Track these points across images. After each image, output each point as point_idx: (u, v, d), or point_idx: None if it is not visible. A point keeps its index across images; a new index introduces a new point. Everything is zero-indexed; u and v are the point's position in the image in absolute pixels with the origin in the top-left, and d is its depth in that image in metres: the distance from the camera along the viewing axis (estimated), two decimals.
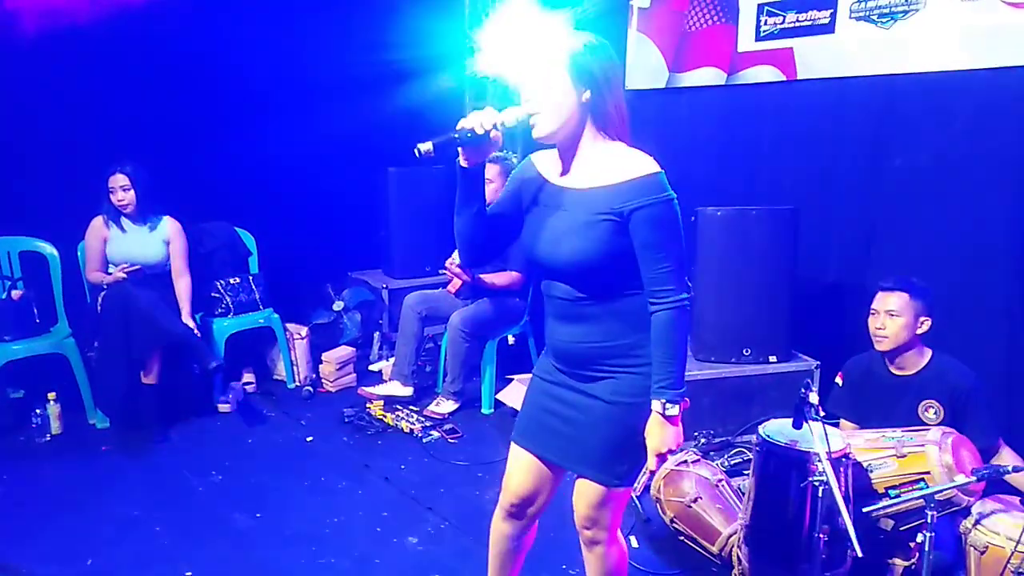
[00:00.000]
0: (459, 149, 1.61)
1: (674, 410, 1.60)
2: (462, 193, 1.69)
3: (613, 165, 1.61)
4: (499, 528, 1.98)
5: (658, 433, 1.62)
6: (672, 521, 2.60)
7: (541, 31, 3.91)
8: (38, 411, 3.44)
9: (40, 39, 3.74)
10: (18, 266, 3.69)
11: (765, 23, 3.83)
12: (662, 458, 1.64)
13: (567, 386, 1.74)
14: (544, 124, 1.61)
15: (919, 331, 2.54)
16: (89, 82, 3.84)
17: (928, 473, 2.13)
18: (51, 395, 3.48)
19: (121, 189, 3.56)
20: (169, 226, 3.74)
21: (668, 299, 1.59)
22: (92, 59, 3.85)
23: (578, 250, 1.60)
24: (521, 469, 1.88)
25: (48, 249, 3.74)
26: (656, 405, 1.61)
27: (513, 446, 1.89)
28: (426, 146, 1.56)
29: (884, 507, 2.16)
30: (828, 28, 3.57)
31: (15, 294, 3.54)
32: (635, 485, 1.70)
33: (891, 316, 2.52)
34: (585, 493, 1.77)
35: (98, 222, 3.62)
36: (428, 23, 4.65)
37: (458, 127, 1.59)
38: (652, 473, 1.68)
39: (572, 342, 1.70)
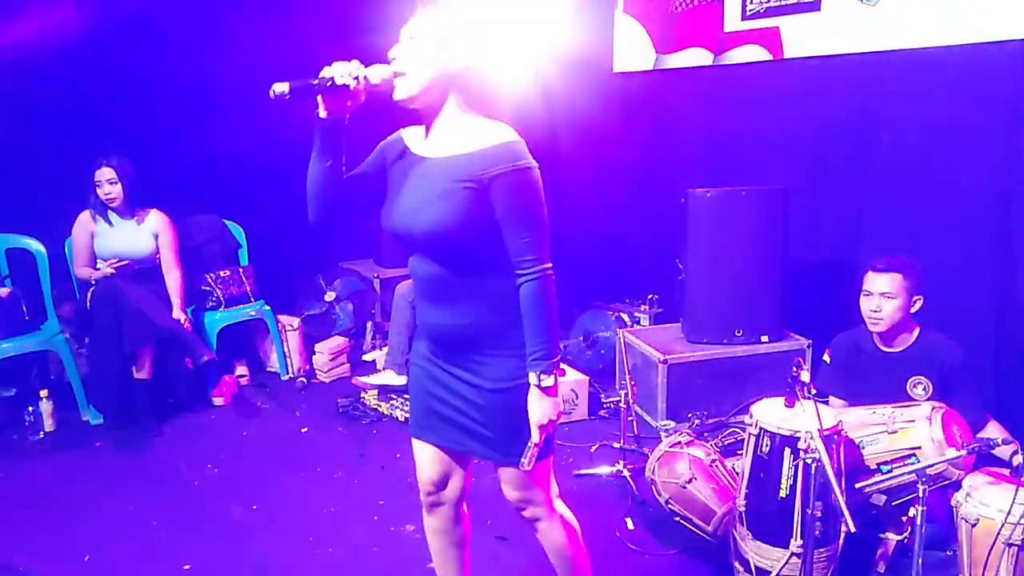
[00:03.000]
0: (319, 98, 1.54)
1: (549, 380, 1.60)
2: (317, 145, 1.62)
3: (472, 134, 1.57)
4: (428, 524, 1.97)
5: (537, 406, 1.61)
6: (667, 502, 2.61)
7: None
8: (30, 409, 3.42)
9: (22, 35, 3.69)
10: (5, 264, 3.66)
11: (751, 2, 3.82)
12: (545, 429, 1.62)
13: (447, 372, 1.71)
14: (405, 86, 1.56)
15: (912, 310, 2.55)
16: (73, 76, 3.80)
17: (919, 448, 2.16)
18: (43, 392, 3.46)
19: (108, 183, 3.53)
20: (157, 219, 3.71)
21: (532, 269, 1.57)
22: (76, 53, 3.79)
23: (435, 219, 1.55)
24: (426, 459, 1.85)
25: (35, 246, 3.70)
26: (532, 378, 1.60)
27: (414, 439, 1.86)
28: (282, 87, 1.48)
29: (876, 483, 2.19)
30: (814, 6, 3.56)
31: (2, 292, 3.51)
32: (523, 461, 1.64)
33: (886, 298, 2.53)
34: (505, 478, 1.77)
35: (84, 217, 3.59)
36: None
37: (320, 75, 1.53)
38: (537, 446, 1.64)
39: (443, 325, 1.66)
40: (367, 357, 4.48)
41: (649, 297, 4.39)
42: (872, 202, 3.52)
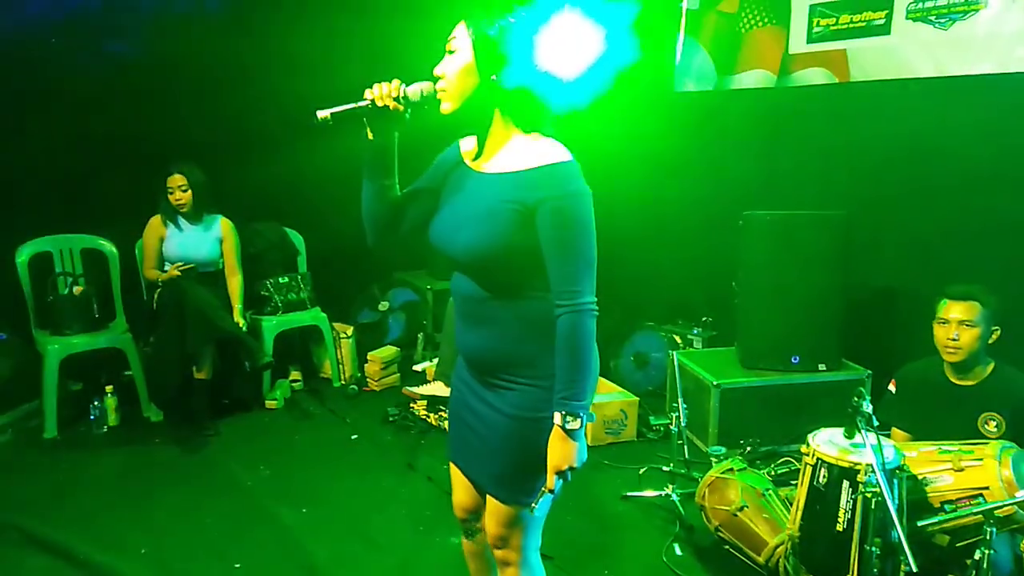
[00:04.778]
0: (364, 120, 1.53)
1: (575, 424, 1.45)
2: (366, 167, 1.59)
3: (523, 152, 1.49)
4: (464, 547, 1.90)
5: (558, 449, 1.47)
6: (717, 530, 2.56)
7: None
8: (96, 403, 3.56)
9: (102, 44, 3.88)
10: (80, 263, 3.82)
11: (817, 25, 3.77)
12: (562, 476, 1.49)
13: (477, 395, 1.62)
14: (447, 100, 1.52)
15: (989, 341, 2.46)
16: (148, 85, 3.96)
17: (987, 488, 2.07)
18: (109, 388, 3.60)
19: (179, 189, 3.67)
20: (223, 225, 3.84)
21: (572, 302, 1.44)
22: (151, 63, 3.97)
23: (476, 238, 1.48)
24: (460, 485, 1.79)
25: (108, 247, 3.88)
26: (557, 418, 1.46)
27: (450, 463, 1.81)
28: (324, 114, 1.48)
29: (940, 522, 2.10)
30: (883, 29, 3.49)
31: (76, 290, 3.66)
32: (532, 504, 1.53)
33: (965, 326, 2.44)
34: (493, 511, 1.64)
35: (156, 221, 3.74)
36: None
37: (362, 97, 1.51)
38: (551, 492, 1.49)
39: (475, 346, 1.59)
40: (417, 367, 4.52)
41: (703, 319, 4.34)
42: (939, 230, 3.40)
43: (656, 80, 4.60)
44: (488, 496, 1.65)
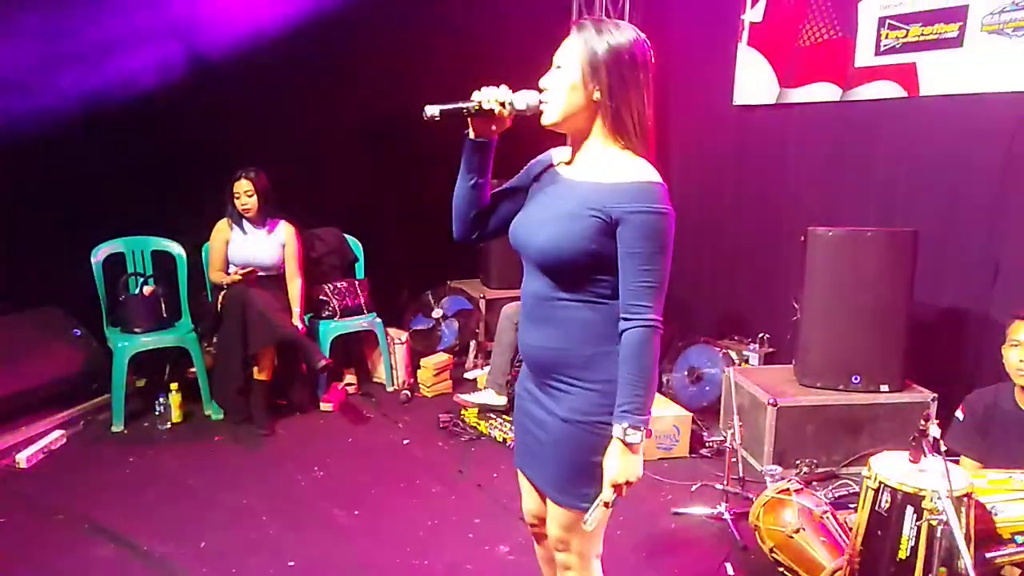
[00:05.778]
0: (468, 119, 1.61)
1: (635, 437, 1.47)
2: (464, 163, 1.67)
3: (615, 166, 1.54)
4: (537, 553, 1.95)
5: (617, 462, 1.49)
6: (772, 551, 2.51)
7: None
8: (161, 400, 3.69)
9: (177, 57, 4.04)
10: (150, 264, 3.98)
11: (886, 37, 3.68)
12: (618, 489, 1.50)
13: (536, 400, 1.67)
14: (550, 112, 1.57)
15: None
16: (219, 94, 4.11)
17: None
18: (173, 385, 3.73)
19: (245, 194, 3.79)
20: (286, 231, 3.94)
21: (641, 316, 1.49)
22: (222, 74, 4.11)
23: (554, 238, 1.53)
24: (527, 491, 1.84)
25: (176, 249, 4.03)
26: (616, 430, 1.48)
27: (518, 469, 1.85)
28: (433, 110, 1.56)
29: (1010, 553, 2.02)
30: (955, 42, 3.39)
31: (147, 290, 3.81)
32: (587, 518, 1.52)
33: None
34: (552, 514, 1.68)
35: (223, 224, 3.86)
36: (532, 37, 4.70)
37: (470, 98, 1.58)
38: (607, 506, 1.51)
39: (537, 345, 1.63)
40: (469, 375, 4.56)
41: (760, 336, 4.26)
42: (1011, 250, 3.28)
43: (714, 92, 4.55)
44: (547, 499, 1.69)
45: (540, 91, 1.59)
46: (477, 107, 1.58)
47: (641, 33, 1.57)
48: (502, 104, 1.58)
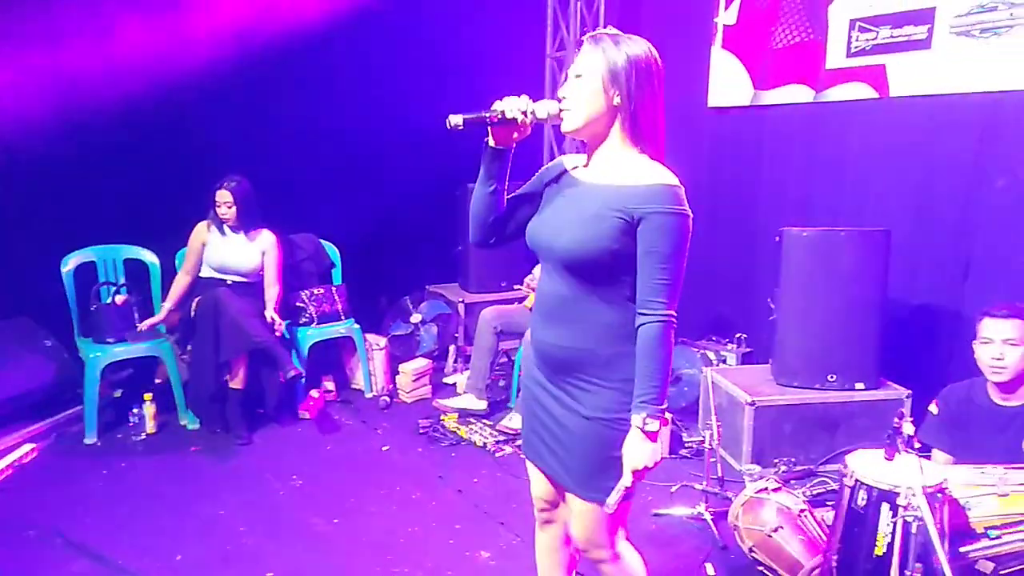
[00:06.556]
0: (489, 128, 1.65)
1: (654, 425, 1.57)
2: (484, 170, 1.72)
3: (635, 170, 1.61)
4: (539, 543, 2.02)
5: (638, 449, 1.58)
6: (751, 550, 2.52)
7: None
8: (135, 410, 3.63)
9: (148, 65, 3.99)
10: (122, 272, 3.92)
11: (857, 39, 3.72)
12: (639, 474, 1.60)
13: (550, 394, 1.73)
14: (571, 119, 1.63)
15: None
16: (193, 101, 4.07)
17: None
18: (147, 396, 3.67)
19: (224, 205, 3.74)
20: (266, 238, 3.90)
21: (658, 312, 1.57)
22: (198, 81, 4.06)
23: (578, 240, 1.59)
24: (537, 479, 1.91)
25: (150, 257, 3.97)
26: (636, 419, 1.57)
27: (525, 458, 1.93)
28: (456, 119, 1.59)
29: (983, 548, 2.04)
30: (924, 44, 3.44)
31: (119, 299, 3.74)
32: (609, 501, 1.62)
33: (1010, 345, 2.39)
34: (577, 514, 1.76)
35: (202, 225, 3.82)
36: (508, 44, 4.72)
37: (492, 107, 1.62)
38: (628, 490, 1.61)
39: (555, 344, 1.69)
40: (448, 380, 4.54)
41: (737, 336, 4.29)
42: (981, 249, 3.33)
43: (688, 94, 4.58)
44: (570, 497, 1.75)
45: (559, 100, 1.65)
46: (500, 116, 1.62)
47: (652, 46, 1.63)
48: (524, 113, 1.62)
